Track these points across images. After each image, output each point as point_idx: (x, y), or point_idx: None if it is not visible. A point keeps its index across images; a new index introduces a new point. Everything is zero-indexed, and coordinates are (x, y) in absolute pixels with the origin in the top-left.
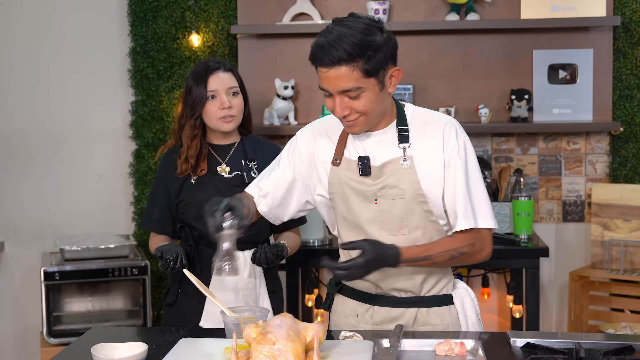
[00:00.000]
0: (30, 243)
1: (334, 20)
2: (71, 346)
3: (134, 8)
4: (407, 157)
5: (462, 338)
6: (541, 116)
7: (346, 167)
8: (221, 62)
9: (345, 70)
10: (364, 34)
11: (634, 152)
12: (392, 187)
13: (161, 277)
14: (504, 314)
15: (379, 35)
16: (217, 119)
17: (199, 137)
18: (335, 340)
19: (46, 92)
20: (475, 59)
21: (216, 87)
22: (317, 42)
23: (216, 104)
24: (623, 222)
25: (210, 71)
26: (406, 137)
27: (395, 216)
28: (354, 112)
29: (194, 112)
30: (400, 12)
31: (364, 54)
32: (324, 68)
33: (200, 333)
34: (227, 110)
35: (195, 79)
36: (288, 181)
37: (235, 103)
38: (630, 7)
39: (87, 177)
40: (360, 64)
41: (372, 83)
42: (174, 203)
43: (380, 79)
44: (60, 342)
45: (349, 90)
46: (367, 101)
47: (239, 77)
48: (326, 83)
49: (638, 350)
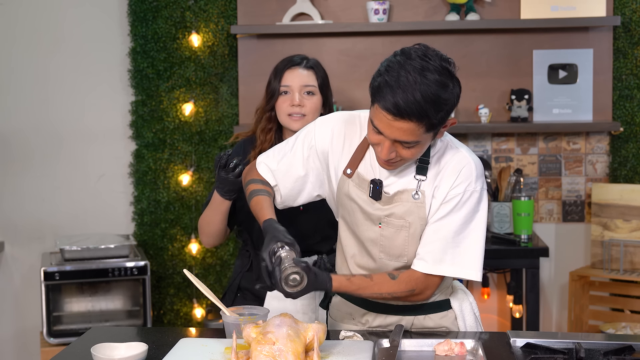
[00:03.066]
0: (30, 243)
1: (404, 53)
2: (71, 346)
3: (134, 8)
4: (420, 191)
5: (462, 338)
6: (541, 116)
7: (357, 183)
8: (305, 59)
9: (411, 125)
10: (440, 87)
11: (634, 152)
12: (399, 217)
13: (161, 277)
14: (504, 314)
15: (451, 86)
16: (286, 115)
17: (273, 131)
18: (335, 340)
19: (46, 92)
20: (475, 59)
21: (290, 82)
22: (386, 78)
23: (287, 100)
24: (623, 222)
25: (289, 66)
26: (424, 170)
27: (397, 244)
28: (398, 156)
29: (269, 105)
30: (400, 12)
31: (436, 112)
32: (389, 115)
33: (201, 333)
34: (298, 109)
35: (275, 72)
36: (300, 175)
37: (309, 103)
38: (630, 7)
39: (86, 177)
40: (427, 122)
41: (430, 136)
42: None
43: (437, 131)
44: (60, 342)
45: (408, 143)
46: (416, 152)
47: (321, 77)
48: (384, 127)
49: (638, 350)
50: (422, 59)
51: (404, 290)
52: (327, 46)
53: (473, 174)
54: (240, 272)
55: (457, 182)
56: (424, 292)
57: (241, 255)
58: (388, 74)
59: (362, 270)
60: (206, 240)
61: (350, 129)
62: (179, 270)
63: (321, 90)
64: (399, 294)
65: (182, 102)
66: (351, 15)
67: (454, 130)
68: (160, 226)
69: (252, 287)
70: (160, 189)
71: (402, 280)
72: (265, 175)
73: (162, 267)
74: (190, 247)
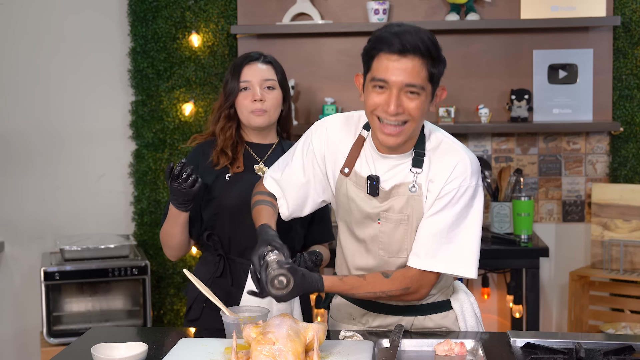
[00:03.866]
0: (30, 243)
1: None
2: (71, 346)
3: (134, 8)
4: (416, 184)
5: (462, 338)
6: (541, 116)
7: (355, 181)
8: (262, 54)
9: (417, 63)
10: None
11: (634, 152)
12: (397, 211)
13: (161, 277)
14: (504, 314)
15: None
16: (248, 111)
17: (232, 129)
18: (335, 340)
19: (46, 92)
20: (475, 59)
21: (250, 78)
22: (387, 29)
23: (248, 96)
24: (623, 222)
25: (247, 61)
26: (420, 162)
27: (396, 239)
28: (405, 114)
29: (227, 102)
30: (400, 12)
31: (436, 55)
32: (394, 55)
33: (201, 333)
34: (259, 104)
35: (232, 69)
36: (302, 182)
37: (270, 97)
38: (630, 7)
39: (86, 177)
40: (429, 64)
41: (429, 91)
42: (204, 201)
43: (434, 90)
44: (60, 342)
45: (413, 86)
46: (420, 105)
47: (280, 73)
48: (390, 73)
49: (638, 350)
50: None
51: (398, 289)
52: (327, 46)
53: (468, 169)
54: (209, 279)
55: (451, 178)
56: (418, 290)
57: (206, 263)
58: (386, 29)
59: (361, 272)
60: (170, 253)
61: (346, 129)
62: (179, 270)
63: (281, 85)
64: (393, 292)
65: (182, 102)
66: (351, 15)
67: (454, 131)
68: (160, 226)
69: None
70: (160, 189)
71: (396, 278)
72: (270, 187)
73: (162, 267)
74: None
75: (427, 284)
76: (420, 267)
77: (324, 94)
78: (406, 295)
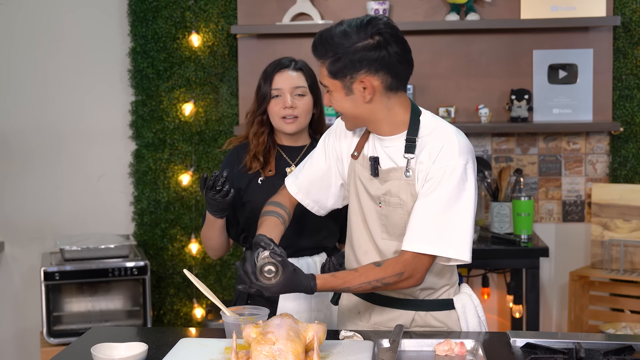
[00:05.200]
0: (30, 243)
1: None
2: (71, 346)
3: (134, 8)
4: (410, 168)
5: (462, 338)
6: (541, 116)
7: (362, 162)
8: (293, 61)
9: (319, 64)
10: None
11: (634, 152)
12: (394, 195)
13: (161, 277)
14: (504, 314)
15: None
16: (280, 118)
17: (265, 134)
18: (335, 340)
19: (46, 92)
20: (475, 59)
21: (281, 85)
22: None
23: (279, 103)
24: (623, 222)
25: (278, 69)
26: (412, 148)
27: (396, 223)
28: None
29: (260, 109)
30: (400, 12)
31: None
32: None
33: (201, 333)
34: (290, 111)
35: (264, 75)
36: (324, 169)
37: (300, 104)
38: (630, 7)
39: (87, 177)
40: (326, 63)
41: (337, 85)
42: (238, 204)
43: (347, 85)
44: (60, 342)
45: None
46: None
47: (310, 78)
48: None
49: (638, 350)
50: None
51: (392, 275)
52: None
53: (455, 149)
54: None
55: (438, 158)
56: (413, 275)
57: None
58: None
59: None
60: (211, 253)
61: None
62: (179, 270)
63: (311, 90)
64: (387, 279)
65: (182, 102)
66: (351, 15)
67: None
68: (160, 226)
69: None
70: (160, 189)
71: (388, 265)
72: (289, 186)
73: (162, 267)
74: (190, 247)
75: (422, 268)
76: (413, 249)
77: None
78: (401, 281)
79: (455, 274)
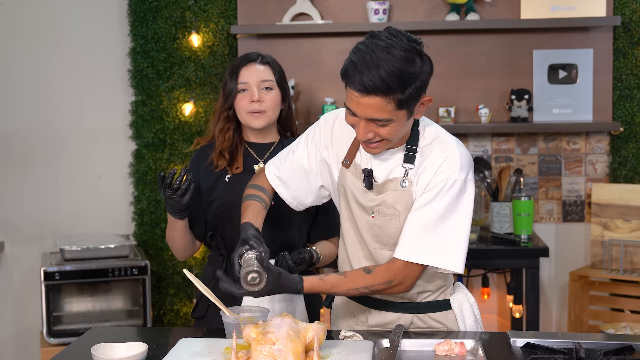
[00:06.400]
0: (30, 243)
1: (372, 35)
2: (71, 346)
3: (134, 8)
4: (407, 179)
5: (462, 338)
6: (541, 116)
7: (354, 172)
8: (260, 55)
9: (379, 101)
10: (405, 62)
11: (634, 152)
12: (389, 206)
13: (161, 277)
14: (504, 314)
15: (419, 63)
16: (246, 112)
17: (231, 130)
18: (335, 340)
19: (46, 92)
20: (475, 59)
21: (247, 79)
22: (352, 59)
23: (246, 97)
24: (623, 222)
25: (244, 63)
26: (412, 158)
27: (390, 233)
28: (377, 136)
29: (226, 104)
30: (400, 12)
31: (402, 86)
32: (357, 93)
33: (201, 333)
34: (257, 105)
35: (231, 70)
36: (305, 169)
37: (268, 98)
38: (630, 7)
39: (87, 177)
40: (396, 97)
41: (403, 114)
42: (205, 202)
43: (411, 109)
44: (60, 342)
45: (378, 120)
46: (393, 130)
47: (278, 72)
48: (355, 106)
49: (638, 350)
50: (388, 38)
51: (381, 282)
52: (327, 46)
53: (457, 162)
54: (214, 278)
55: (440, 170)
56: (403, 282)
57: (211, 262)
58: (355, 55)
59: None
60: (176, 254)
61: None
62: (179, 270)
63: (279, 84)
64: (376, 287)
65: (182, 102)
66: (351, 15)
67: (454, 131)
68: (160, 226)
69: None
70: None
71: (378, 272)
72: (270, 174)
73: (162, 267)
74: None
75: (412, 276)
76: (405, 258)
77: (324, 94)
78: (390, 288)
79: (450, 274)
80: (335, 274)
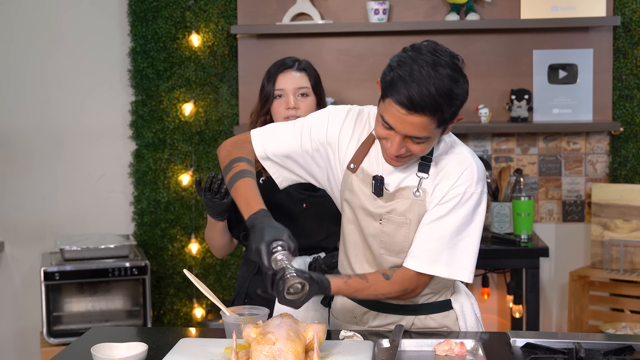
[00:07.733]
0: (30, 243)
1: (415, 48)
2: (71, 346)
3: (134, 8)
4: (421, 188)
5: (462, 338)
6: (541, 116)
7: (361, 178)
8: (297, 61)
9: (425, 120)
10: (452, 82)
11: (634, 152)
12: (400, 214)
13: (161, 277)
14: (504, 314)
15: (462, 82)
16: (283, 118)
17: None
18: (335, 340)
19: (46, 92)
20: (475, 59)
21: (284, 86)
22: (399, 73)
23: (283, 104)
24: (623, 222)
25: (281, 69)
26: (427, 167)
27: (397, 241)
28: (408, 151)
29: (263, 109)
30: (400, 12)
31: (448, 106)
32: (403, 109)
33: (201, 333)
34: (293, 111)
35: (268, 76)
36: (298, 153)
37: (303, 105)
38: (630, 7)
39: (86, 177)
40: (440, 116)
41: (439, 132)
42: None
43: (447, 127)
44: (60, 342)
45: (418, 138)
46: (426, 147)
47: (314, 78)
48: (396, 122)
49: (638, 350)
50: (432, 54)
51: (398, 290)
52: (327, 46)
53: (475, 176)
54: (248, 277)
55: (458, 183)
56: (414, 290)
57: (246, 261)
58: (401, 68)
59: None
60: (215, 253)
61: (359, 124)
62: (179, 270)
63: (314, 90)
64: (392, 294)
65: (182, 102)
66: (351, 15)
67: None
68: (160, 226)
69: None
70: (160, 189)
71: (395, 280)
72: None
73: (162, 267)
74: (190, 247)
75: (422, 285)
76: (420, 270)
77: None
78: (403, 295)
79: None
80: (357, 277)
